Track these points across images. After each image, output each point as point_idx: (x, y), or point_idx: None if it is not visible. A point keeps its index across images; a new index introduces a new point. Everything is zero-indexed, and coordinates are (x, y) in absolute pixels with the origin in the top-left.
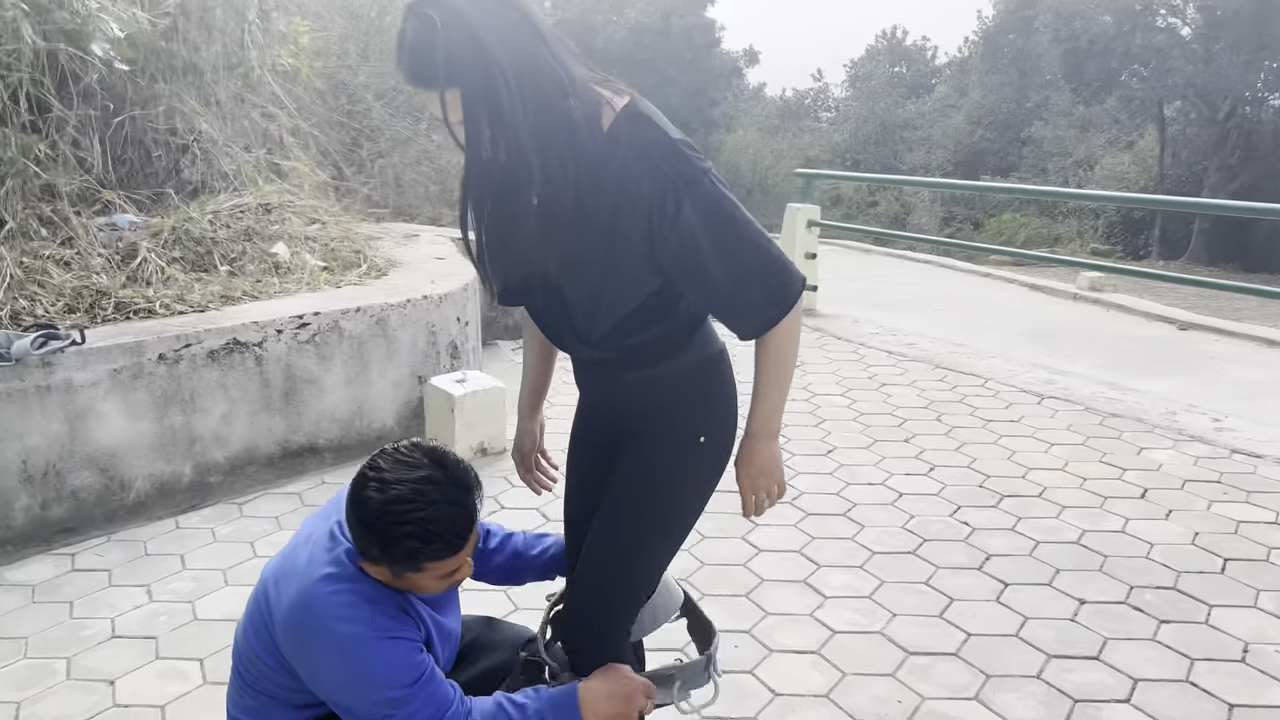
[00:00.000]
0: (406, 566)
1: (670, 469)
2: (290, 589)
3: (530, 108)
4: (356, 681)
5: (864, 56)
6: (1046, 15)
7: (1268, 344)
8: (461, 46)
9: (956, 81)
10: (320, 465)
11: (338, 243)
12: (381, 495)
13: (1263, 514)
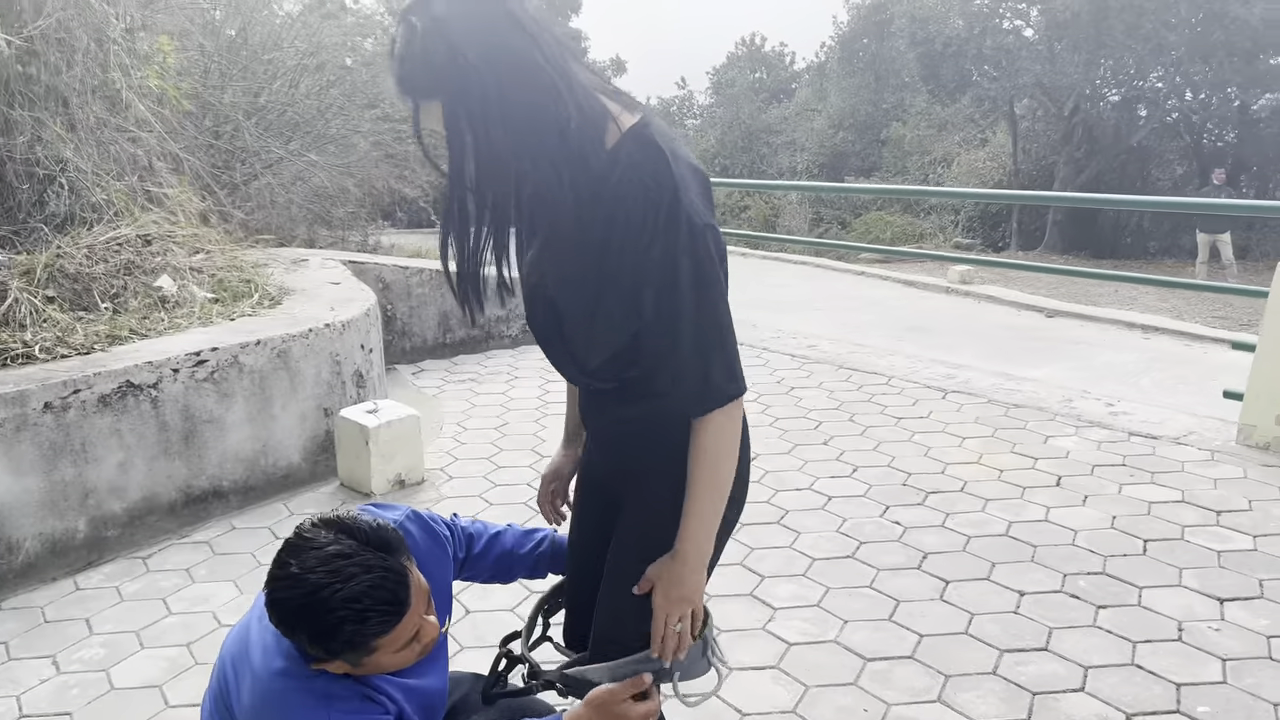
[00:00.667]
0: (358, 654)
1: (673, 513)
2: (246, 684)
3: (517, 117)
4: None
5: (725, 64)
6: (902, 20)
7: (1127, 327)
8: (441, 55)
9: (816, 86)
10: (226, 509)
11: (225, 272)
12: (296, 591)
13: (1170, 494)
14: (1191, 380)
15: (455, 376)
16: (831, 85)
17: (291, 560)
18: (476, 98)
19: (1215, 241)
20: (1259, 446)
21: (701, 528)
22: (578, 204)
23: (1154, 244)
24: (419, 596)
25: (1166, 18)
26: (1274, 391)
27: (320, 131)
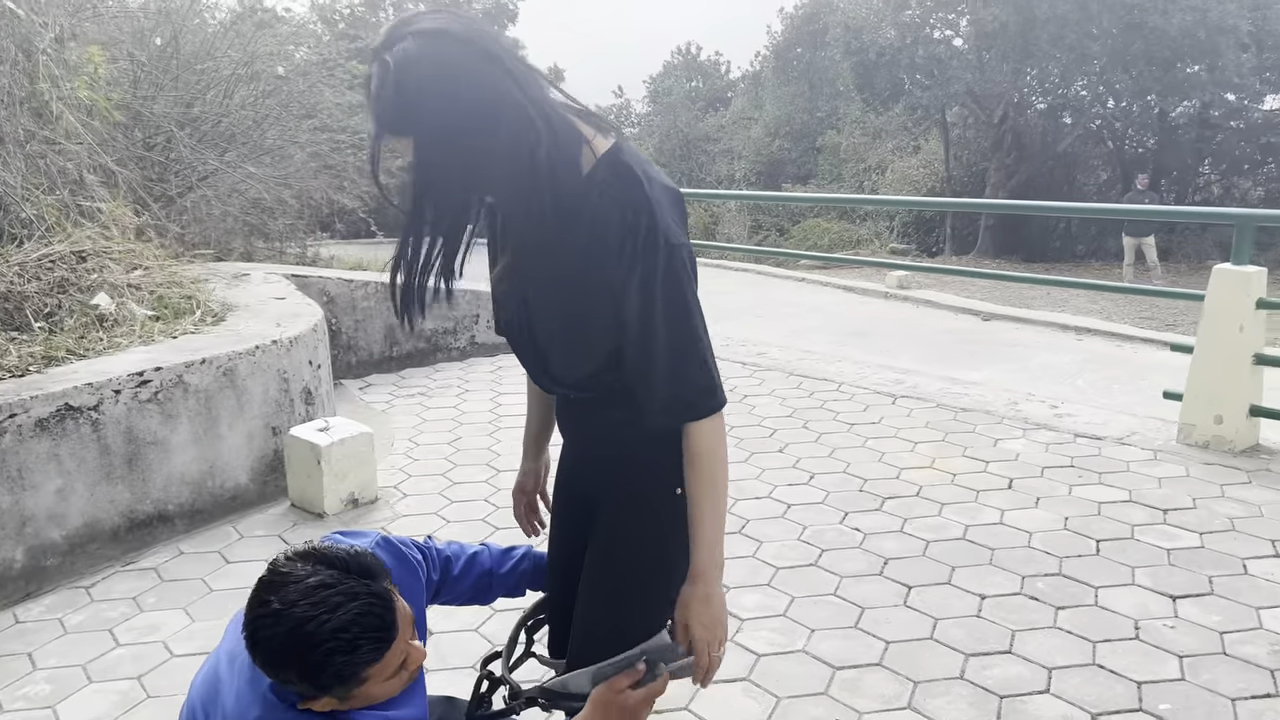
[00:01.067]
0: (348, 686)
1: (648, 518)
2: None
3: (482, 151)
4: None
5: (662, 72)
6: (836, 30)
7: (1061, 329)
8: (410, 92)
9: (751, 94)
10: (172, 534)
11: (164, 289)
12: (280, 628)
13: (1117, 494)
14: (1124, 380)
15: (404, 391)
16: (767, 94)
17: (271, 597)
18: (441, 133)
19: (1140, 245)
20: (1199, 445)
21: (709, 543)
22: (555, 226)
23: (1081, 247)
24: (405, 621)
25: (1089, 28)
26: (1212, 392)
27: (256, 142)
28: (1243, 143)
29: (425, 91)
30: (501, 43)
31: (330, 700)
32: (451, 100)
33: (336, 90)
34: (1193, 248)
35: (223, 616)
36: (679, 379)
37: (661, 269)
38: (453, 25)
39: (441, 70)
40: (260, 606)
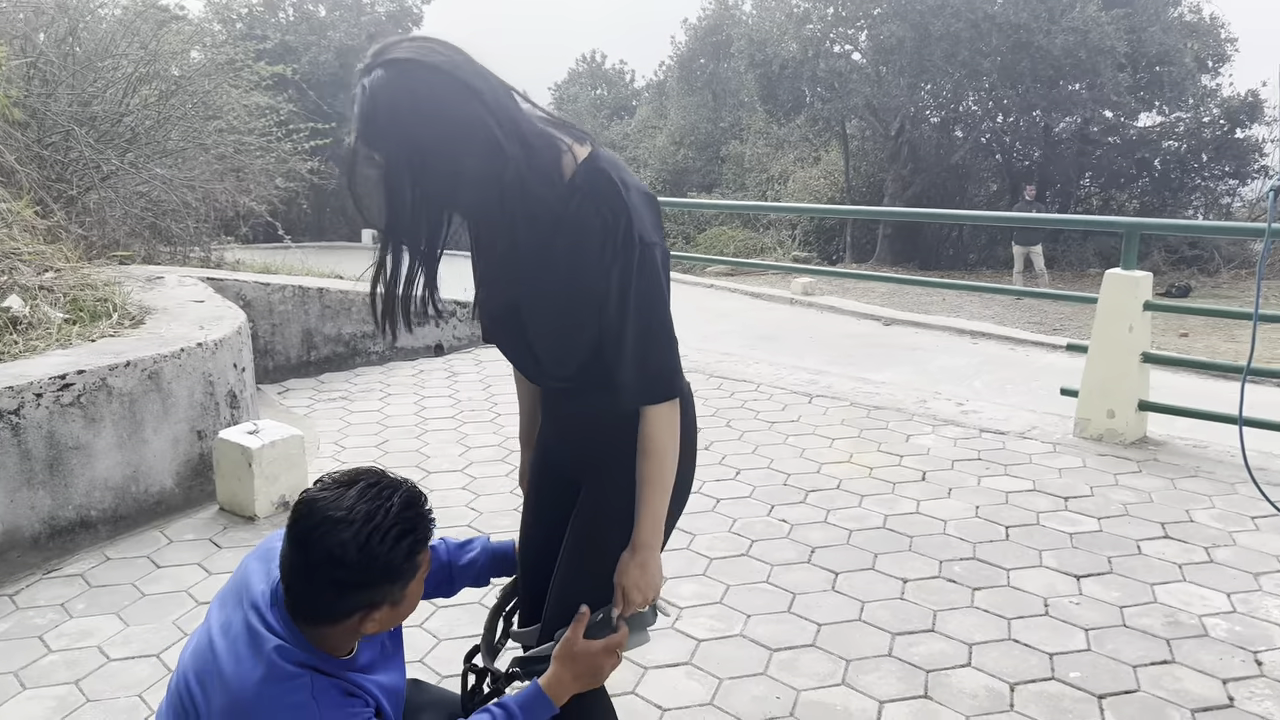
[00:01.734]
0: (408, 575)
1: (626, 495)
2: (221, 697)
3: (452, 175)
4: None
5: (567, 79)
6: (741, 42)
7: (958, 333)
8: (383, 120)
9: (656, 104)
10: (95, 539)
11: (78, 291)
12: (348, 531)
13: (1022, 484)
14: (1018, 380)
15: (324, 395)
16: (671, 103)
17: (326, 513)
18: (409, 157)
19: (1029, 253)
20: (1093, 438)
21: (653, 519)
22: (539, 234)
23: (973, 256)
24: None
25: (980, 46)
26: (1105, 388)
27: (159, 143)
28: (1119, 157)
29: (394, 119)
30: (473, 67)
31: (385, 614)
32: (418, 127)
33: (242, 91)
34: (1075, 256)
35: (159, 620)
36: (649, 363)
37: (636, 264)
38: (424, 54)
39: (411, 98)
40: (321, 524)
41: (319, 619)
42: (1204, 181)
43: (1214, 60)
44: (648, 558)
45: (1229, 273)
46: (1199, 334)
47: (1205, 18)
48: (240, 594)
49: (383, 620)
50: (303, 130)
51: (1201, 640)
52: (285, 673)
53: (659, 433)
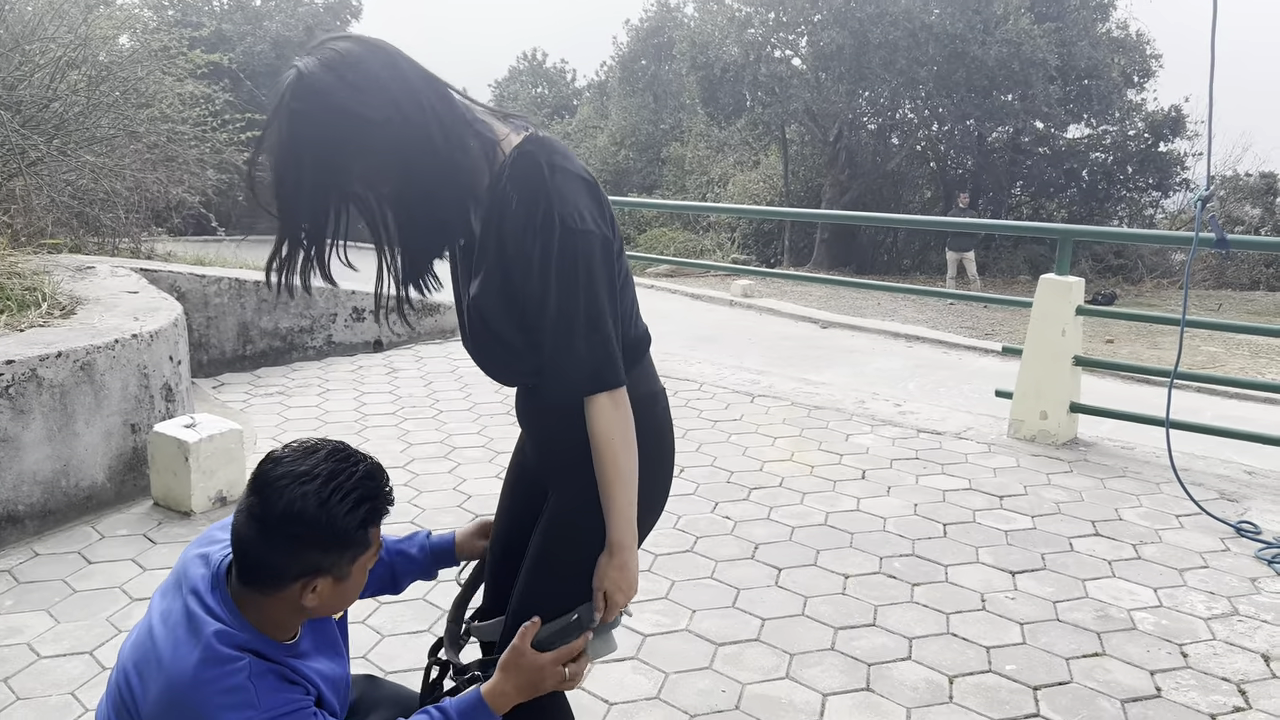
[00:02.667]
0: (357, 547)
1: (591, 502)
2: (157, 683)
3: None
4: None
5: (507, 77)
6: (683, 44)
7: (893, 336)
8: (300, 104)
9: (597, 104)
10: (23, 535)
11: (4, 279)
12: (311, 484)
13: (959, 483)
14: (951, 383)
15: (261, 390)
16: (613, 104)
17: (290, 469)
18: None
19: (962, 259)
20: (1026, 439)
21: (622, 518)
22: (481, 223)
23: (907, 261)
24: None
25: (917, 55)
26: (1038, 390)
27: (90, 130)
28: (1049, 167)
29: (306, 108)
30: (405, 64)
31: (327, 585)
32: (343, 115)
33: (175, 79)
34: (1006, 263)
35: (90, 617)
36: (567, 354)
37: (556, 248)
38: (356, 48)
39: (343, 85)
40: (281, 480)
41: (264, 583)
42: (1129, 193)
43: (1139, 75)
44: (626, 559)
45: (1152, 281)
46: (1124, 341)
47: (1132, 34)
48: (180, 582)
49: (324, 595)
50: (239, 121)
51: (1130, 633)
52: (223, 655)
53: (603, 427)
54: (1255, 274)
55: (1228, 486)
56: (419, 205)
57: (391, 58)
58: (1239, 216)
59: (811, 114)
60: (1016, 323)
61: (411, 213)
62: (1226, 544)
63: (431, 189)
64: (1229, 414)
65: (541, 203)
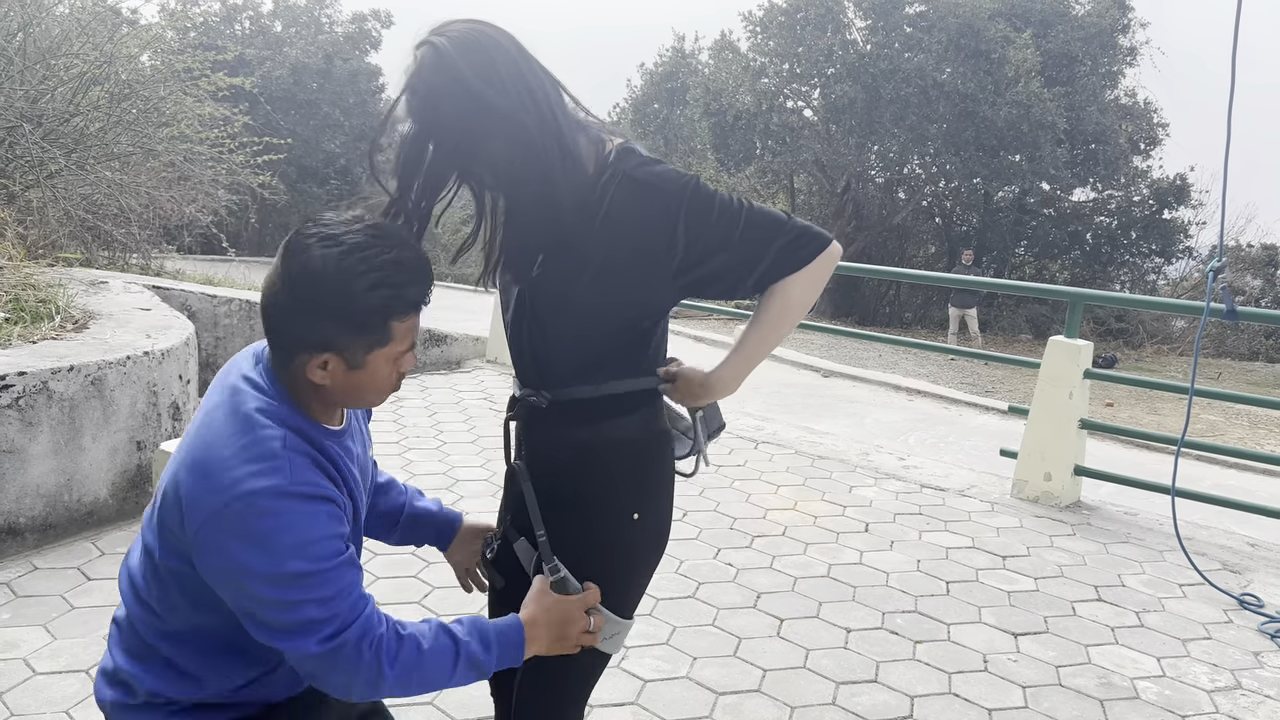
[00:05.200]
0: (373, 335)
1: (603, 540)
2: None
3: (504, 151)
4: (258, 549)
5: None
6: (697, 90)
7: (894, 389)
8: (427, 88)
9: None
10: (22, 547)
11: (19, 291)
12: (335, 248)
13: (962, 540)
14: (952, 439)
15: None
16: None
17: (322, 230)
18: (441, 126)
19: (964, 315)
20: (1030, 499)
21: (743, 364)
22: (571, 222)
23: (909, 315)
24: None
25: (928, 112)
26: (1043, 452)
27: (108, 146)
28: (1054, 229)
29: (434, 92)
30: (523, 54)
31: (339, 364)
32: (477, 101)
33: (195, 100)
34: (1008, 322)
35: (88, 634)
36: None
37: (705, 195)
38: (493, 31)
39: (479, 69)
40: (310, 237)
41: (282, 349)
42: (1131, 258)
43: (1146, 143)
44: (715, 386)
45: (1152, 346)
46: (1124, 404)
47: (1140, 101)
48: (226, 374)
49: (335, 376)
50: (256, 144)
51: (1133, 702)
52: (259, 423)
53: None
54: (1255, 345)
55: (1231, 558)
56: (532, 194)
57: (520, 46)
58: (1240, 287)
59: (820, 165)
60: (1017, 380)
61: (522, 201)
62: (1230, 616)
63: (547, 180)
64: (1227, 483)
65: (667, 182)
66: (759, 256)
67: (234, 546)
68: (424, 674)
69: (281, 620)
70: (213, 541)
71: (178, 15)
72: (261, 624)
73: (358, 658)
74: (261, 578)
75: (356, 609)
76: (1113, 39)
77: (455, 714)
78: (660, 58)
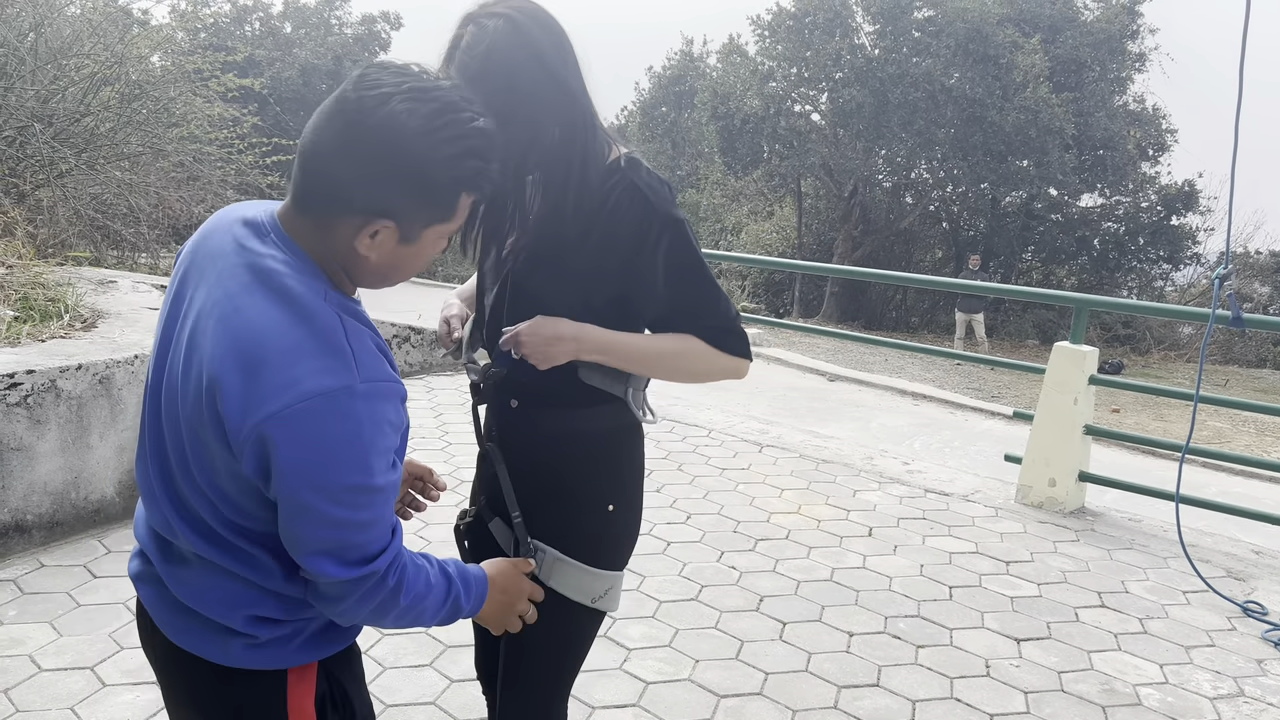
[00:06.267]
0: (440, 208)
1: (580, 534)
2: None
3: (545, 133)
4: (317, 456)
5: None
6: (705, 94)
7: (899, 393)
8: (500, 63)
9: None
10: (29, 545)
11: (28, 289)
12: (424, 104)
13: (966, 545)
14: (957, 444)
15: None
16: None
17: (404, 79)
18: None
19: (971, 320)
20: (1034, 505)
21: (615, 343)
22: (574, 219)
23: (915, 319)
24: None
25: (935, 117)
26: (1048, 457)
27: (118, 146)
28: (1061, 234)
29: (506, 68)
30: (567, 40)
31: (384, 237)
32: (525, 79)
33: (205, 100)
34: (1014, 327)
35: (93, 632)
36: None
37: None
38: (534, 15)
39: (523, 51)
40: (396, 88)
41: (323, 207)
42: (1139, 264)
43: (1154, 149)
44: (569, 329)
45: (1159, 353)
46: (1130, 411)
47: (1148, 108)
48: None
49: (383, 249)
50: (265, 145)
51: (1135, 709)
52: (315, 309)
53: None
54: (1262, 352)
55: (1235, 565)
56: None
57: (560, 30)
58: (1247, 294)
59: (828, 169)
60: (1023, 386)
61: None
62: (1233, 623)
63: (568, 173)
64: (1232, 490)
65: (661, 203)
66: (700, 315)
67: (290, 452)
68: (420, 610)
69: (319, 538)
70: (273, 439)
71: (188, 16)
72: (295, 537)
73: (381, 587)
74: (315, 487)
75: (394, 534)
76: (1121, 45)
77: (458, 714)
78: (668, 61)
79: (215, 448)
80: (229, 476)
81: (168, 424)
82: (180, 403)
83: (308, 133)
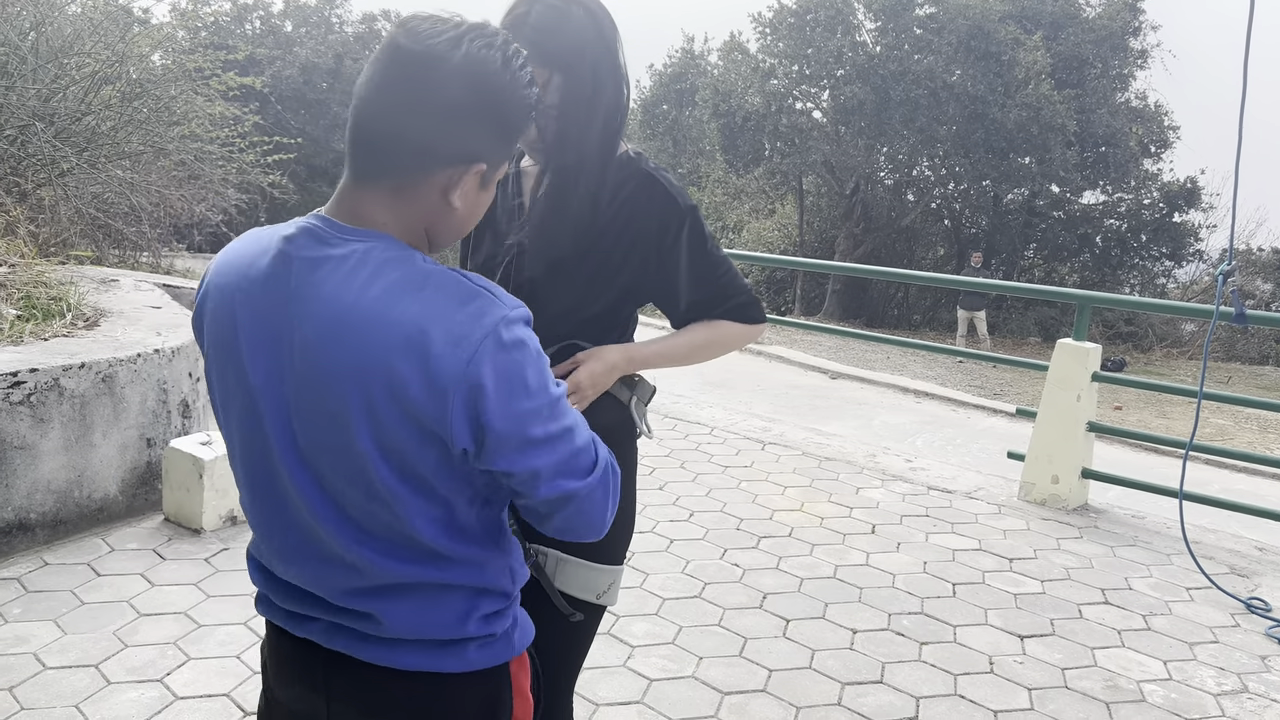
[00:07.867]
0: (513, 146)
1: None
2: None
3: (602, 118)
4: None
5: None
6: (706, 91)
7: (901, 391)
8: (574, 34)
9: None
10: (33, 543)
11: (31, 288)
12: (497, 39)
13: (969, 542)
14: (960, 441)
15: None
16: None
17: (459, 23)
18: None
19: (973, 318)
20: (1037, 502)
21: (654, 356)
22: (592, 201)
23: (917, 316)
24: None
25: (937, 114)
26: (1051, 454)
27: (120, 145)
28: (1063, 231)
29: (581, 39)
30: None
31: (470, 185)
32: (595, 56)
33: (208, 99)
34: (1017, 325)
35: (97, 630)
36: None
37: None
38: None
39: (591, 22)
40: (456, 32)
41: (403, 168)
42: (1142, 261)
43: (1156, 146)
44: (615, 364)
45: (1161, 350)
46: (1133, 408)
47: (1150, 105)
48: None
49: (468, 199)
50: (266, 143)
51: (1139, 705)
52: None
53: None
54: (1265, 349)
55: (1238, 562)
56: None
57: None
58: (1250, 291)
59: (829, 166)
60: (1025, 384)
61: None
62: (1237, 620)
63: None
64: (1235, 487)
65: (676, 193)
66: (726, 297)
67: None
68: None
69: (551, 462)
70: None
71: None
72: (530, 474)
73: (612, 472)
74: (524, 417)
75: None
76: (1123, 41)
77: None
78: (669, 59)
79: (411, 446)
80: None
81: (318, 471)
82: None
83: (365, 103)
